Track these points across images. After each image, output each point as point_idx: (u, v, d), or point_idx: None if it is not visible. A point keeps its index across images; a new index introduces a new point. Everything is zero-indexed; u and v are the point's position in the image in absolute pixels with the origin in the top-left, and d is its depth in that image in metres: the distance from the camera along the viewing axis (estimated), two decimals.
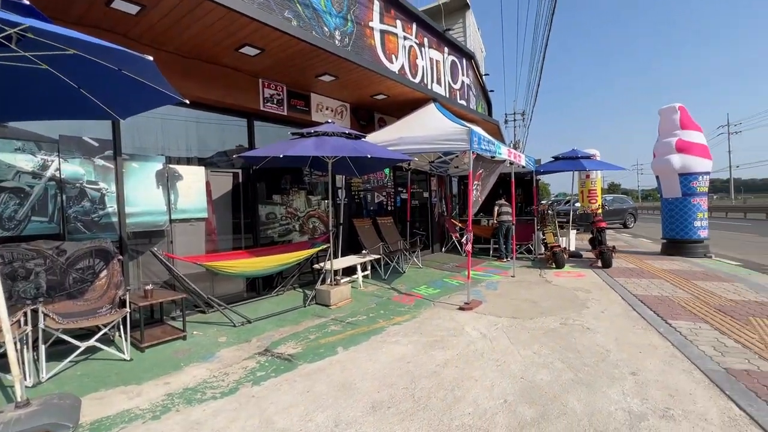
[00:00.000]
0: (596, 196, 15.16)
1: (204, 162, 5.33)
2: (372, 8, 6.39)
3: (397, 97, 6.87)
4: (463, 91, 9.61)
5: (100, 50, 2.16)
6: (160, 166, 4.67)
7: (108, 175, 4.25)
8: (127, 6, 3.55)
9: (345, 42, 5.81)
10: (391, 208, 8.58)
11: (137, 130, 4.62)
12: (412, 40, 7.42)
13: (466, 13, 11.51)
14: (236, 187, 5.62)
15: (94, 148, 4.16)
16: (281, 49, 4.63)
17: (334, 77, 5.67)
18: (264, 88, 5.57)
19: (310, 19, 5.21)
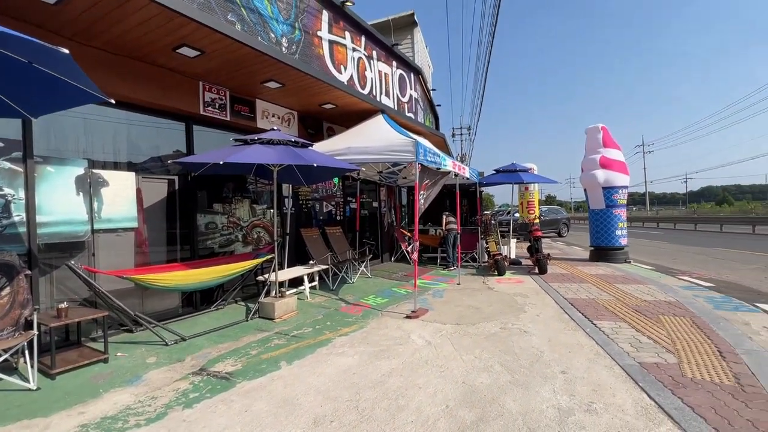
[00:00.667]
0: (534, 207, 16.30)
1: (135, 167, 4.91)
2: (321, 18, 6.40)
3: (345, 107, 6.89)
4: (411, 104, 9.90)
5: (5, 39, 1.93)
6: (82, 171, 4.23)
7: (15, 179, 3.76)
8: None
9: (292, 50, 5.74)
10: (340, 217, 8.52)
11: (54, 130, 4.15)
12: (361, 52, 7.53)
13: (414, 30, 11.95)
14: (172, 195, 5.24)
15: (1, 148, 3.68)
16: (222, 52, 4.45)
17: (281, 84, 5.56)
18: (205, 91, 5.31)
19: (256, 24, 5.08)
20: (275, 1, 5.43)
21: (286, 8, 5.62)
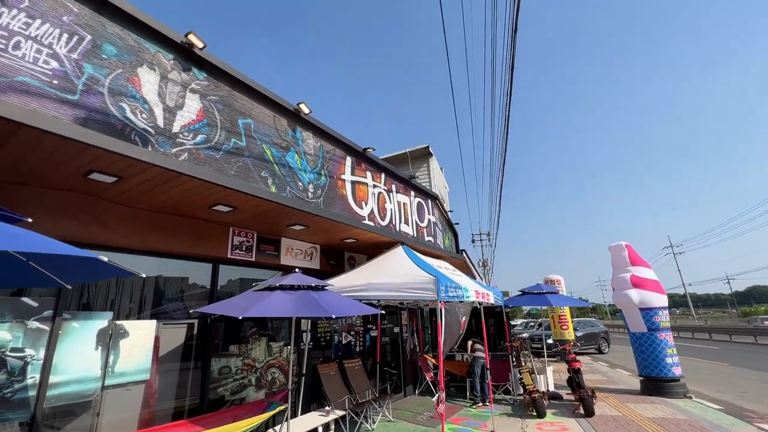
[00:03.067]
0: (567, 322, 15.19)
1: (158, 312, 4.97)
2: (344, 163, 7.09)
3: (366, 241, 7.14)
4: (429, 228, 10.21)
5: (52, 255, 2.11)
6: (105, 324, 4.29)
7: (40, 339, 3.81)
8: (104, 177, 3.71)
9: (318, 194, 6.23)
10: (360, 348, 8.07)
11: (86, 284, 4.36)
12: (381, 187, 8.11)
13: (430, 159, 13.13)
14: (189, 340, 5.16)
15: (31, 308, 3.82)
16: (252, 207, 4.86)
17: (305, 227, 5.90)
18: (234, 235, 5.65)
19: (285, 176, 5.64)
20: (304, 155, 6.11)
21: (313, 159, 6.30)
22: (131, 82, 3.89)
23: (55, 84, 3.32)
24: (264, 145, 5.37)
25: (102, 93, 3.62)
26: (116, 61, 3.80)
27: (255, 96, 5.35)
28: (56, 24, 3.41)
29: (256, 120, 5.32)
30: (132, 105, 3.85)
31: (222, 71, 4.85)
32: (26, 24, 3.22)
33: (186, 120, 4.35)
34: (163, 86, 4.18)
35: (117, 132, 3.68)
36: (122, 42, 3.88)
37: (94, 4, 3.69)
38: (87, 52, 3.59)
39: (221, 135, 4.74)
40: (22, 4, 3.22)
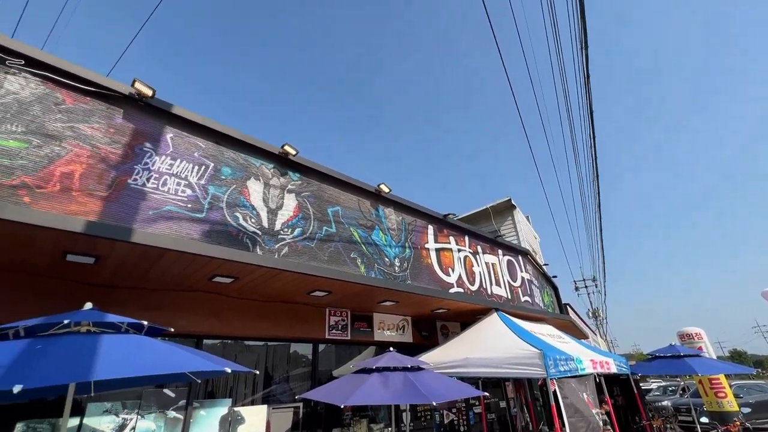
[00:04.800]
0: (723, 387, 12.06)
1: (267, 395, 5.29)
2: (426, 232, 7.19)
3: (458, 310, 6.90)
4: (524, 287, 9.49)
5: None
6: (225, 410, 4.67)
7: (176, 426, 4.29)
8: (224, 279, 4.31)
9: (404, 266, 6.33)
10: (464, 428, 7.41)
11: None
12: (466, 250, 7.95)
13: (514, 212, 12.60)
14: (296, 425, 5.32)
15: (171, 399, 4.37)
16: (344, 289, 5.12)
17: (395, 302, 5.96)
18: (330, 316, 5.93)
19: (373, 254, 5.90)
20: (388, 231, 6.38)
21: (397, 234, 6.53)
22: (242, 194, 4.62)
23: (189, 207, 4.10)
24: (351, 228, 5.76)
25: (222, 207, 4.35)
26: (231, 179, 4.58)
27: (340, 185, 5.89)
28: (189, 159, 4.30)
29: (342, 206, 5.79)
30: (244, 213, 4.52)
31: (312, 170, 5.49)
32: (170, 165, 4.12)
33: (285, 217, 4.94)
34: (266, 192, 4.87)
35: (233, 238, 4.31)
36: (235, 162, 4.70)
37: (215, 137, 4.59)
38: (211, 177, 4.40)
39: (314, 225, 5.23)
40: (168, 151, 4.16)
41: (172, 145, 4.20)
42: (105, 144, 3.72)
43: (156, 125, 4.15)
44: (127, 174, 3.77)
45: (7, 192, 3.10)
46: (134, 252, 3.44)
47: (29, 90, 3.44)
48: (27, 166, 3.23)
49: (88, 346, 2.17)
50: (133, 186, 3.79)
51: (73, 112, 3.63)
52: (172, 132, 4.24)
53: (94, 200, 3.51)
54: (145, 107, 4.09)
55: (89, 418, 3.82)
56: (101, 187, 3.58)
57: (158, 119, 4.18)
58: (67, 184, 3.40)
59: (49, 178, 3.32)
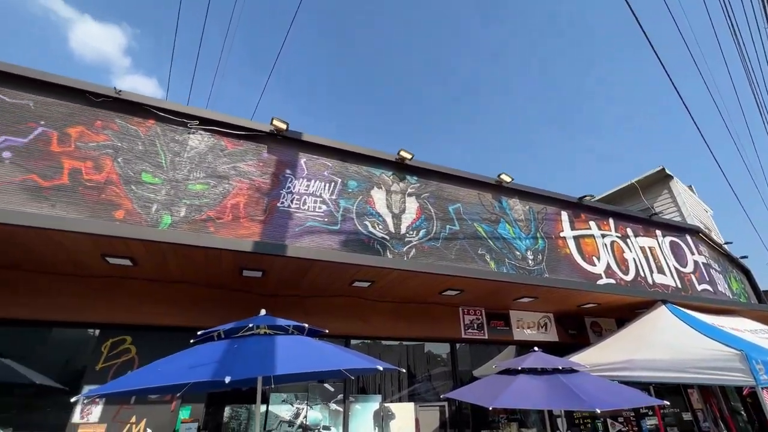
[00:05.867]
0: None
1: (412, 393, 5.47)
2: (560, 219, 6.48)
3: (610, 303, 6.00)
4: (699, 273, 7.70)
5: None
6: (377, 405, 5.01)
7: (338, 418, 4.78)
8: (362, 283, 4.65)
9: (538, 259, 5.83)
10: None
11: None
12: (612, 235, 6.87)
13: (671, 183, 10.31)
14: (443, 424, 5.37)
15: (331, 393, 4.89)
16: (477, 287, 4.96)
17: (534, 298, 5.52)
18: (464, 315, 5.83)
19: (501, 248, 5.59)
20: (515, 223, 5.97)
21: (525, 225, 6.06)
22: (368, 203, 4.93)
23: (326, 220, 4.57)
24: (475, 224, 5.58)
25: (352, 218, 4.72)
26: (357, 191, 4.94)
27: (458, 181, 5.78)
28: (321, 178, 4.80)
29: (463, 202, 5.67)
30: (372, 220, 4.82)
31: (429, 171, 5.54)
32: (307, 186, 4.67)
33: (409, 220, 5.08)
34: (389, 198, 5.10)
35: (365, 245, 4.63)
36: (359, 175, 5.06)
37: (340, 155, 5.03)
38: (340, 191, 4.83)
39: (437, 225, 5.24)
40: (303, 174, 4.73)
41: (306, 169, 4.76)
42: (258, 176, 4.44)
43: (292, 154, 4.77)
44: (276, 199, 4.42)
45: (200, 225, 3.95)
46: (289, 264, 3.99)
47: (204, 143, 4.35)
48: (209, 203, 4.07)
49: (268, 346, 2.58)
50: (282, 208, 4.41)
51: (233, 155, 4.44)
52: (305, 157, 4.81)
53: (255, 224, 4.21)
54: (282, 140, 4.75)
55: (272, 406, 4.56)
56: (259, 212, 4.28)
57: (293, 148, 4.79)
58: (236, 213, 4.16)
59: (224, 210, 4.11)
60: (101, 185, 3.72)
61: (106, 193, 3.71)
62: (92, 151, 3.81)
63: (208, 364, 2.27)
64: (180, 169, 4.11)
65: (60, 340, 4.41)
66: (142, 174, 3.92)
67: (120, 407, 3.88)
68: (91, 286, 4.03)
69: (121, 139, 3.99)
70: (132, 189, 3.82)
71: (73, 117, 3.89)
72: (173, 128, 4.27)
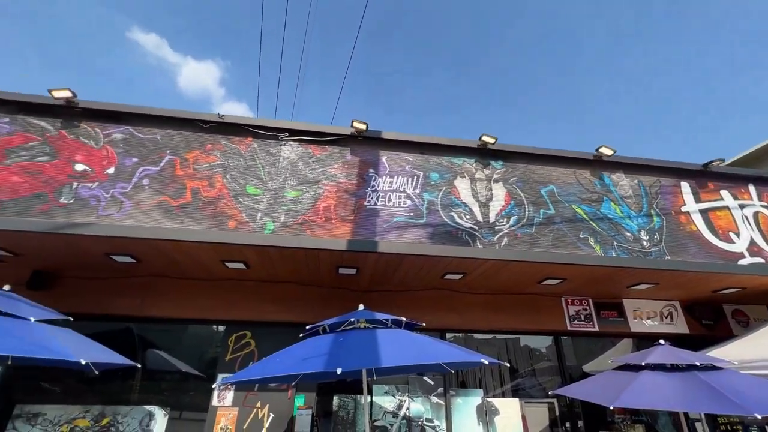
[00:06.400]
0: None
1: (516, 388, 5.21)
2: (679, 191, 5.54)
3: (758, 287, 4.95)
4: None
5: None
6: (479, 400, 4.88)
7: (440, 411, 4.77)
8: (453, 276, 4.56)
9: (655, 240, 5.06)
10: None
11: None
12: (756, 205, 5.65)
13: None
14: (553, 422, 5.00)
15: (431, 386, 4.91)
16: (582, 274, 4.50)
17: (653, 284, 4.82)
18: (568, 305, 5.35)
19: (607, 230, 4.99)
20: (622, 200, 5.28)
21: (635, 202, 5.31)
22: (453, 193, 4.80)
23: (411, 215, 4.57)
24: (573, 206, 5.07)
25: (438, 210, 4.65)
26: (440, 182, 4.85)
27: (549, 161, 5.31)
28: (403, 174, 4.82)
29: (556, 183, 5.19)
30: (458, 211, 4.69)
31: (515, 153, 5.19)
32: (390, 182, 4.73)
33: (498, 208, 4.82)
34: (474, 187, 4.91)
35: (453, 237, 4.52)
36: (440, 166, 4.96)
37: (419, 148, 5.00)
38: (423, 184, 4.80)
39: (529, 210, 4.89)
40: (386, 171, 4.80)
41: (388, 166, 4.83)
42: (344, 178, 4.64)
43: (373, 153, 4.87)
44: (362, 198, 4.57)
45: (297, 229, 4.27)
46: (381, 260, 4.09)
47: (294, 153, 4.69)
48: (304, 207, 4.38)
49: (372, 339, 2.66)
50: (369, 207, 4.54)
51: (320, 160, 4.70)
52: (386, 154, 4.88)
53: (346, 224, 4.40)
54: (363, 140, 4.88)
55: (376, 397, 4.74)
56: (348, 212, 4.46)
57: (374, 147, 4.90)
58: (328, 215, 4.40)
59: (317, 213, 4.39)
60: (216, 200, 4.25)
61: (220, 207, 4.23)
62: (206, 171, 4.38)
63: (319, 356, 2.44)
64: (276, 179, 4.50)
65: (193, 335, 5.17)
66: (246, 187, 4.38)
67: (247, 394, 4.40)
68: (216, 288, 4.64)
69: (227, 157, 4.51)
70: (240, 201, 4.30)
71: (189, 143, 4.52)
72: (267, 143, 4.69)
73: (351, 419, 4.62)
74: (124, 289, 4.46)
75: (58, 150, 4.22)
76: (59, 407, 4.16)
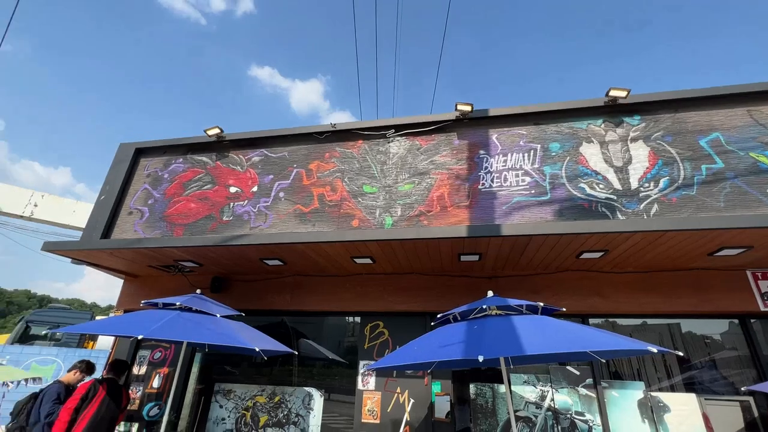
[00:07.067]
0: None
1: (689, 383, 4.36)
2: None
3: None
4: None
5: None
6: (641, 394, 4.24)
7: (591, 404, 4.30)
8: (592, 254, 4.05)
9: None
10: None
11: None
12: None
13: None
14: (751, 425, 4.03)
15: (576, 376, 4.47)
16: None
17: None
18: (757, 281, 4.24)
19: None
20: None
21: None
22: (579, 162, 4.26)
23: (533, 192, 4.22)
24: (751, 153, 3.99)
25: (563, 184, 4.19)
26: (562, 152, 4.35)
27: (707, 103, 4.28)
28: (518, 149, 4.48)
29: (722, 129, 4.15)
30: (588, 181, 4.14)
31: (655, 103, 4.34)
32: (504, 161, 4.45)
33: (640, 171, 4.10)
34: (605, 151, 4.27)
35: (585, 211, 4.01)
36: (560, 135, 4.45)
37: (533, 119, 4.58)
38: (542, 158, 4.38)
39: (685, 168, 4.02)
40: (498, 150, 4.53)
41: (499, 144, 4.55)
42: (454, 164, 4.54)
43: (482, 133, 4.65)
44: (476, 182, 4.40)
45: (414, 221, 4.36)
46: (505, 244, 3.88)
47: (402, 147, 4.79)
48: (418, 199, 4.44)
49: (508, 326, 2.54)
50: (483, 190, 4.36)
51: (428, 150, 4.70)
52: (496, 132, 4.61)
53: (462, 210, 4.31)
54: (469, 122, 4.70)
55: (514, 386, 4.53)
56: (462, 198, 4.36)
57: (481, 127, 4.67)
58: (442, 203, 4.37)
59: (431, 203, 4.40)
60: (338, 202, 4.63)
61: (343, 208, 4.59)
62: (327, 178, 4.80)
63: (457, 344, 2.43)
64: (389, 175, 4.66)
65: (333, 325, 5.74)
66: (363, 186, 4.65)
67: (387, 380, 4.69)
68: (350, 282, 5.06)
69: (343, 162, 4.86)
70: (359, 200, 4.59)
71: (310, 155, 5.02)
72: (376, 142, 4.90)
73: (490, 408, 4.52)
74: (277, 288, 5.21)
75: (217, 177, 5.15)
76: (244, 386, 5.11)
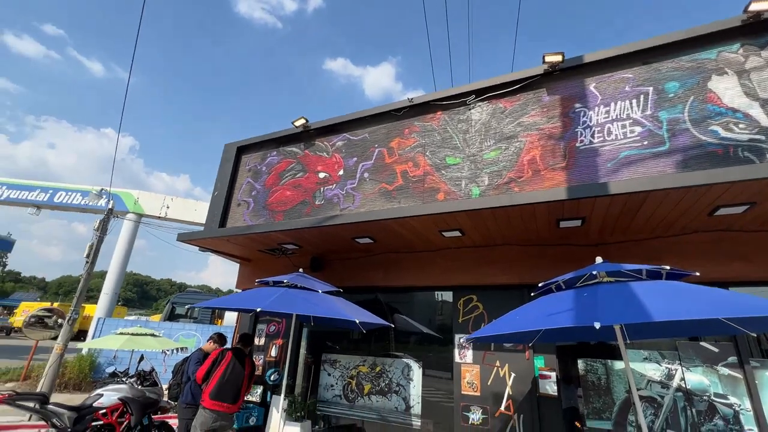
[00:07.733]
0: None
1: None
2: None
3: None
4: None
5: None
6: None
7: (737, 386, 3.66)
8: (731, 209, 3.37)
9: None
10: None
11: None
12: None
13: None
14: None
15: (713, 353, 3.83)
16: None
17: None
18: None
19: None
20: None
21: None
22: (708, 100, 3.53)
23: (645, 144, 3.64)
24: None
25: (687, 129, 3.52)
26: (683, 92, 3.65)
27: None
28: (623, 97, 3.88)
29: None
30: (722, 122, 3.42)
31: None
32: (606, 112, 3.91)
33: None
34: (746, 83, 3.46)
35: (719, 157, 3.33)
36: (679, 72, 3.73)
37: (640, 58, 3.91)
38: (655, 102, 3.73)
39: None
40: (597, 101, 3.99)
41: (599, 93, 4.00)
42: (545, 123, 4.14)
43: (576, 84, 4.14)
44: (572, 139, 3.96)
45: (504, 189, 4.11)
46: (614, 204, 3.44)
47: (484, 113, 4.52)
48: (507, 165, 4.16)
49: (628, 292, 2.25)
50: (582, 147, 3.90)
51: (513, 112, 4.35)
52: (593, 81, 4.06)
53: (558, 172, 3.92)
54: (560, 74, 4.22)
55: (633, 363, 4.07)
56: (557, 159, 3.96)
57: (576, 77, 4.15)
58: (535, 167, 4.03)
59: (522, 168, 4.09)
60: (422, 177, 4.58)
61: (427, 182, 4.54)
62: (409, 154, 4.78)
63: (566, 311, 2.24)
64: (472, 144, 4.45)
65: (425, 300, 5.79)
66: (446, 158, 4.52)
67: (485, 353, 4.60)
68: (440, 257, 5.02)
69: (424, 136, 4.77)
70: (443, 173, 4.48)
71: (390, 133, 5.03)
72: (456, 111, 4.69)
73: (605, 386, 4.14)
74: (370, 265, 5.42)
75: (307, 165, 5.49)
76: (348, 356, 5.50)
